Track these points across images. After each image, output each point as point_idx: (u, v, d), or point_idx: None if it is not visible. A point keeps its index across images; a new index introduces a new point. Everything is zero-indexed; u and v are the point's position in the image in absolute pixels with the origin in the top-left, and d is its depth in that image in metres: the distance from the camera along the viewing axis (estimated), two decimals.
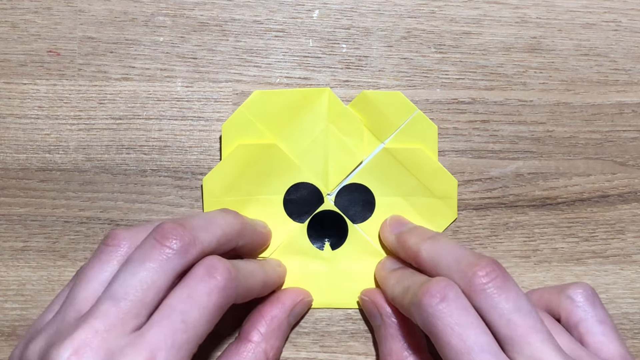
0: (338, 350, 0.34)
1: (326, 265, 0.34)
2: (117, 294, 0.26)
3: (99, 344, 0.25)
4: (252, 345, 0.30)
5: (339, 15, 0.35)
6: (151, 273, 0.26)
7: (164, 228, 0.27)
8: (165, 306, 0.26)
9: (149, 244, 0.27)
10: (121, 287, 0.26)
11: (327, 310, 0.34)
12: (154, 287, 0.26)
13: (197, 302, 0.26)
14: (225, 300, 0.27)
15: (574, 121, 0.35)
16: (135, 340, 0.25)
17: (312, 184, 0.34)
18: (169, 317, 0.26)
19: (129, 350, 0.25)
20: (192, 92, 0.34)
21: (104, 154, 0.34)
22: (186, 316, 0.26)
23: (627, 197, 0.35)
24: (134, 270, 0.26)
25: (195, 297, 0.26)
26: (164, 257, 0.26)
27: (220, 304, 0.27)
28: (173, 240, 0.27)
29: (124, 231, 0.28)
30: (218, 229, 0.29)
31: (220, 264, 0.27)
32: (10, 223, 0.34)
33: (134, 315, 0.26)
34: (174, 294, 0.26)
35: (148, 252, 0.27)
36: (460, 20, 0.35)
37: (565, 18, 0.35)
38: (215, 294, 0.27)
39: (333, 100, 0.34)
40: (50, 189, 0.34)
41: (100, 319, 0.25)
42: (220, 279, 0.27)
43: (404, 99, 0.34)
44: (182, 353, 0.25)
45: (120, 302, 0.26)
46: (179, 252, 0.27)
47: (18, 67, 0.34)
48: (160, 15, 0.35)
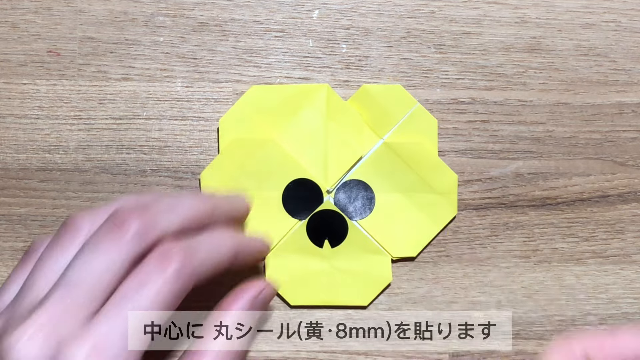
0: (338, 350, 0.34)
1: (326, 263, 0.34)
2: (71, 281, 0.25)
3: (52, 330, 0.25)
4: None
5: (338, 15, 0.35)
6: (106, 259, 0.25)
7: (121, 212, 0.26)
8: (116, 295, 0.25)
9: (105, 229, 0.26)
10: (75, 273, 0.25)
11: (327, 310, 0.34)
12: (108, 274, 0.25)
13: (149, 291, 0.25)
14: (180, 287, 0.26)
15: (574, 121, 0.35)
16: (82, 331, 0.25)
17: (311, 180, 0.34)
18: (118, 306, 0.25)
19: (75, 342, 0.24)
20: (192, 92, 0.34)
21: (104, 154, 0.34)
22: (137, 305, 0.25)
23: (627, 197, 0.35)
24: (89, 256, 0.26)
25: (147, 286, 0.25)
26: (119, 243, 0.26)
27: (174, 292, 0.26)
28: (131, 224, 0.26)
29: (84, 214, 0.28)
30: (182, 212, 0.28)
31: (174, 250, 0.26)
32: (10, 223, 0.34)
33: (89, 302, 0.25)
34: (126, 283, 0.26)
35: (103, 237, 0.26)
36: (460, 20, 0.35)
37: (565, 18, 0.35)
38: (168, 283, 0.26)
39: (332, 95, 0.34)
40: (50, 189, 0.34)
41: (54, 305, 0.25)
42: (174, 266, 0.26)
43: (404, 92, 0.34)
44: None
45: (73, 289, 0.25)
46: (135, 236, 0.26)
47: (18, 67, 0.34)
48: (160, 15, 0.35)
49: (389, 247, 0.34)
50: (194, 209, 0.28)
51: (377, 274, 0.34)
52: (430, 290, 0.34)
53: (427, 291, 0.34)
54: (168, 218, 0.27)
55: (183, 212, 0.28)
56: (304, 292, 0.34)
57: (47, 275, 0.27)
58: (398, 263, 0.34)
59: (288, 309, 0.34)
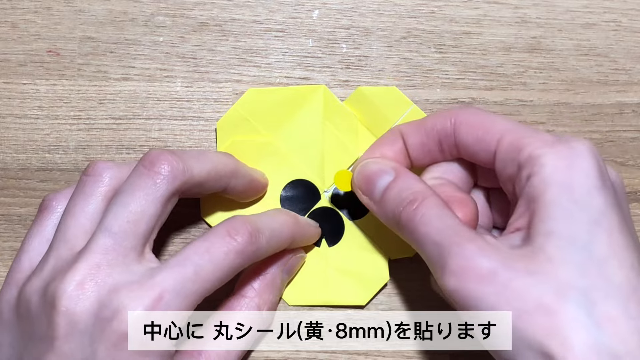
0: (338, 350, 0.34)
1: (323, 262, 0.34)
2: (112, 227, 0.26)
3: (104, 278, 0.25)
4: (246, 300, 0.31)
5: (338, 15, 0.35)
6: (143, 202, 0.26)
7: (152, 154, 0.27)
8: (181, 254, 0.26)
9: (138, 172, 0.27)
10: (115, 219, 0.26)
11: (327, 309, 0.34)
12: (145, 217, 0.26)
13: (213, 258, 0.26)
14: (241, 262, 0.27)
15: (574, 121, 0.35)
16: (144, 279, 0.26)
17: (308, 180, 0.34)
18: (182, 265, 0.26)
19: (137, 287, 0.25)
20: (191, 92, 0.34)
21: (104, 154, 0.34)
22: (199, 268, 0.26)
23: (627, 197, 0.35)
24: (125, 200, 0.26)
25: (212, 252, 0.26)
26: (152, 184, 0.27)
27: (235, 265, 0.27)
28: (162, 166, 0.27)
29: (104, 162, 0.29)
30: (209, 162, 0.29)
31: (244, 226, 0.27)
32: (10, 223, 0.34)
33: (132, 247, 0.26)
34: (192, 245, 0.27)
35: (137, 181, 0.27)
36: (460, 20, 0.35)
37: (565, 18, 0.35)
38: (232, 255, 0.27)
39: (328, 97, 0.34)
40: (50, 189, 0.34)
41: (99, 253, 0.26)
42: (240, 241, 0.27)
43: (400, 94, 0.34)
44: (187, 301, 0.26)
45: (116, 235, 0.26)
46: (167, 177, 0.27)
47: (18, 67, 0.34)
48: (160, 15, 0.35)
49: (386, 247, 0.34)
50: (220, 162, 0.30)
51: (374, 274, 0.33)
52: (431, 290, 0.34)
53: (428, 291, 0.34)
54: (197, 164, 0.28)
55: (210, 162, 0.29)
56: (302, 292, 0.34)
57: (77, 226, 0.27)
58: (398, 263, 0.34)
59: (288, 309, 0.34)
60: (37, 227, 0.29)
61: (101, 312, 0.25)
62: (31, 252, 0.29)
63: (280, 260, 0.32)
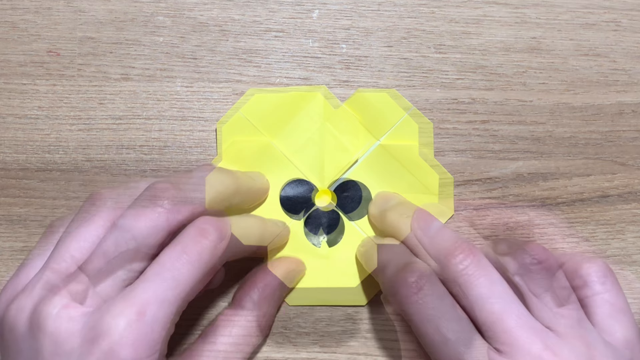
0: (338, 350, 0.34)
1: (323, 263, 0.34)
2: (109, 250, 0.27)
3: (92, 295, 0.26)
4: (245, 312, 0.31)
5: (338, 15, 0.35)
6: (143, 230, 0.27)
7: (156, 188, 0.28)
8: (157, 263, 0.27)
9: (142, 203, 0.28)
10: (114, 243, 0.27)
11: (327, 310, 0.34)
12: (145, 244, 0.27)
13: (189, 261, 0.27)
14: (216, 260, 0.28)
15: (574, 121, 0.35)
16: (127, 294, 0.26)
17: (307, 180, 0.34)
18: (160, 274, 0.26)
19: (120, 303, 0.26)
20: (191, 92, 0.34)
21: (104, 154, 0.34)
22: (177, 273, 0.26)
23: (627, 197, 0.35)
24: (127, 227, 0.27)
25: (186, 256, 0.27)
26: (155, 215, 0.27)
27: (211, 263, 0.27)
28: (165, 200, 0.28)
29: (107, 190, 0.29)
30: (211, 189, 0.29)
31: (212, 224, 0.28)
32: (10, 223, 0.34)
33: (127, 270, 0.27)
34: (166, 252, 0.27)
35: (140, 210, 0.27)
36: (460, 20, 0.35)
37: (565, 18, 0.35)
38: (206, 254, 0.27)
39: (328, 97, 0.34)
40: (50, 189, 0.34)
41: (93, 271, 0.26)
42: (211, 238, 0.27)
43: (399, 96, 0.34)
44: (171, 309, 0.26)
45: (112, 257, 0.27)
46: (170, 211, 0.27)
47: (18, 67, 0.34)
48: (160, 15, 0.35)
49: None
50: (222, 186, 0.30)
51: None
52: None
53: None
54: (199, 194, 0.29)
55: (212, 188, 0.29)
56: (303, 292, 0.34)
57: (79, 244, 0.28)
58: None
59: (288, 309, 0.34)
60: (40, 247, 0.30)
61: (87, 332, 0.25)
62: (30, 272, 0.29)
63: (279, 271, 0.32)
